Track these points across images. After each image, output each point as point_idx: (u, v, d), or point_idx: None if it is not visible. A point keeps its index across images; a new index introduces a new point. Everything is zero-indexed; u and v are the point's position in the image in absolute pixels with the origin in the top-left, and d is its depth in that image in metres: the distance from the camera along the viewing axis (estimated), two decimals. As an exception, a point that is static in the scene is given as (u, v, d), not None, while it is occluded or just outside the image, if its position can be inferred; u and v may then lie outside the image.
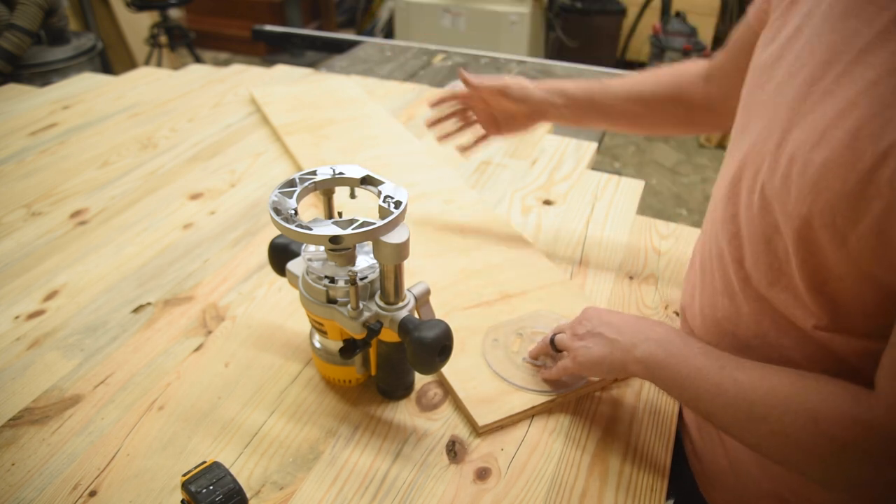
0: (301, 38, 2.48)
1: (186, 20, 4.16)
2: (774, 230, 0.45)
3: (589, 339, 0.58)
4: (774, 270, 0.47)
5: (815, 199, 0.40)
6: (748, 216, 0.49)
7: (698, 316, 0.60)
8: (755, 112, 0.51)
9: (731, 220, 0.51)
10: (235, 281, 0.80)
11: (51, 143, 1.14)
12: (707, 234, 0.59)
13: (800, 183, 0.41)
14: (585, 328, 0.59)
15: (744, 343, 0.53)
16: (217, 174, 1.05)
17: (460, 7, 3.28)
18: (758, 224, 0.47)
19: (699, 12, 3.73)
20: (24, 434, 0.59)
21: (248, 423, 0.60)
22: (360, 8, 4.50)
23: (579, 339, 0.59)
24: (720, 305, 0.56)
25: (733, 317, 0.54)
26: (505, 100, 0.81)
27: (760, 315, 0.51)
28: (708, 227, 0.59)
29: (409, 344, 0.54)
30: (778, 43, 0.49)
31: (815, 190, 0.40)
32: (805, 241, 0.42)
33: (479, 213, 0.92)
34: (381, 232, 0.52)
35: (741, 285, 0.52)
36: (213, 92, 1.38)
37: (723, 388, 0.47)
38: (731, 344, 0.55)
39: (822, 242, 0.41)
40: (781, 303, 0.48)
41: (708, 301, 0.58)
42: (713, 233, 0.56)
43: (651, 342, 0.53)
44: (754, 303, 0.51)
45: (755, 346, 0.52)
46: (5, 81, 1.51)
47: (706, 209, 0.62)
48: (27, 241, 0.87)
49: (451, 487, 0.55)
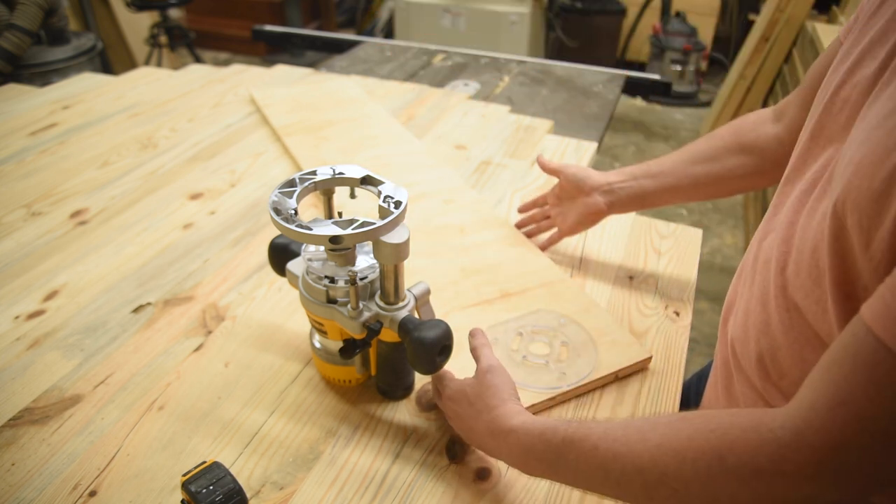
0: (301, 38, 2.48)
1: (186, 20, 4.16)
2: (823, 236, 0.42)
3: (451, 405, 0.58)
4: (812, 279, 0.44)
5: (847, 196, 0.39)
6: (805, 223, 0.46)
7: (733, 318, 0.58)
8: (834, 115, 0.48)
9: (790, 225, 0.49)
10: (235, 281, 0.80)
11: (51, 143, 1.14)
12: (759, 237, 0.56)
13: (840, 180, 0.40)
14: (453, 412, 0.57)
15: (770, 354, 0.51)
16: (217, 174, 1.05)
17: (460, 7, 3.28)
18: (813, 229, 0.45)
19: (699, 12, 3.73)
20: (24, 434, 0.59)
21: (248, 423, 0.60)
22: (360, 8, 4.50)
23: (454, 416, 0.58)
24: (753, 311, 0.53)
25: (762, 325, 0.51)
26: (567, 184, 0.80)
27: (789, 326, 0.48)
28: (762, 231, 0.55)
29: (409, 344, 0.54)
30: (859, 49, 0.47)
31: (849, 187, 0.39)
32: (838, 241, 0.40)
33: (479, 213, 0.92)
34: (381, 232, 0.52)
35: (776, 292, 0.49)
36: (213, 92, 1.38)
37: (606, 469, 0.43)
38: (756, 352, 0.53)
39: (851, 244, 0.39)
40: (811, 314, 0.45)
41: (743, 306, 0.55)
42: (766, 235, 0.53)
43: (518, 433, 0.50)
44: (785, 312, 0.48)
45: (780, 359, 0.50)
46: (5, 81, 1.51)
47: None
48: (27, 241, 0.87)
49: (451, 487, 0.55)
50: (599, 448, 0.44)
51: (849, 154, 0.40)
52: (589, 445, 0.44)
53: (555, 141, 1.18)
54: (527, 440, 0.49)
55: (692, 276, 0.82)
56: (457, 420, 0.57)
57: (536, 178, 1.05)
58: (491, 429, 0.52)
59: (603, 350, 0.67)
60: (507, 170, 1.08)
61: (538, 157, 0.84)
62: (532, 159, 1.11)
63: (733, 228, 2.58)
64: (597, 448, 0.44)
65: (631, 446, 0.42)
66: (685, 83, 3.69)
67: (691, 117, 3.57)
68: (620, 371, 0.66)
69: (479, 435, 0.54)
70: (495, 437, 0.52)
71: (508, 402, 0.53)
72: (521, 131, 1.23)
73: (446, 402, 0.58)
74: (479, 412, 0.53)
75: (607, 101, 1.63)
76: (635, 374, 0.67)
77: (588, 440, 0.45)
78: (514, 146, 1.16)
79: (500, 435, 0.51)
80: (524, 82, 1.71)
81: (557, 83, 1.73)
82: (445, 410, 0.59)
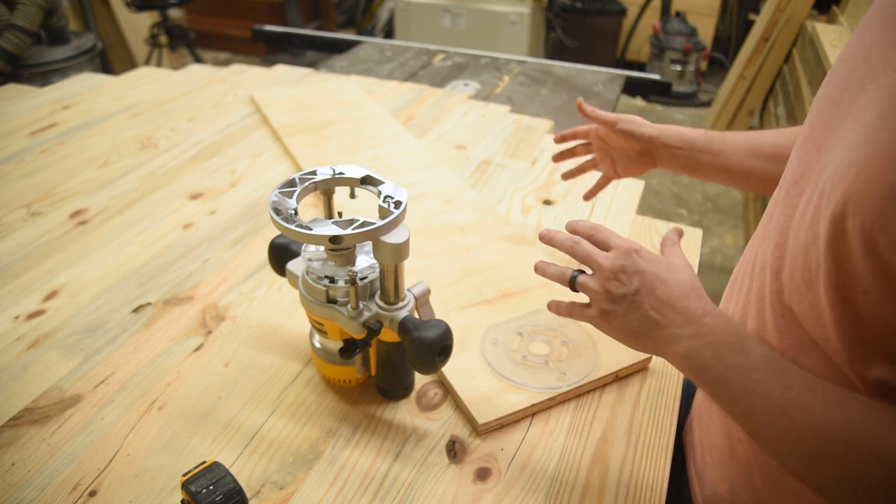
0: (301, 38, 2.48)
1: (186, 20, 4.16)
2: (814, 239, 0.42)
3: (622, 303, 0.49)
4: (806, 284, 0.44)
5: (849, 198, 0.38)
6: (797, 226, 0.45)
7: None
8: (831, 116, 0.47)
9: (782, 230, 0.48)
10: (235, 281, 0.80)
11: (51, 143, 1.14)
12: (755, 244, 0.54)
13: (840, 181, 0.39)
14: (622, 290, 0.50)
15: None
16: (217, 174, 1.05)
17: (460, 7, 3.28)
18: (804, 232, 0.44)
19: (699, 12, 3.73)
20: (24, 434, 0.59)
21: (248, 423, 0.60)
22: (360, 8, 4.50)
23: (611, 301, 0.50)
24: (749, 317, 0.52)
25: (758, 330, 0.50)
26: (617, 136, 0.77)
27: (784, 331, 0.47)
28: (758, 238, 0.54)
29: (409, 344, 0.54)
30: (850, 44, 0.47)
31: (851, 190, 0.38)
32: (836, 244, 0.39)
33: (479, 213, 0.92)
34: (381, 232, 0.52)
35: (772, 297, 0.48)
36: (213, 92, 1.38)
37: (788, 413, 0.40)
38: None
39: (851, 246, 0.38)
40: (806, 319, 0.45)
41: (739, 313, 0.54)
42: (762, 242, 0.52)
43: (698, 340, 0.46)
44: (780, 318, 0.47)
45: None
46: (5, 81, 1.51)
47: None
48: (27, 241, 0.87)
49: (451, 487, 0.55)
50: (793, 388, 0.41)
51: (844, 156, 0.40)
52: (783, 381, 0.42)
53: (555, 141, 1.18)
54: (727, 326, 0.46)
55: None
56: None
57: (537, 177, 1.05)
58: (688, 290, 0.49)
59: (603, 350, 0.67)
60: (507, 170, 1.08)
61: (579, 104, 0.80)
62: (532, 159, 1.11)
63: (733, 228, 2.58)
64: (789, 388, 0.41)
65: (827, 412, 0.39)
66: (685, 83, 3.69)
67: (691, 117, 3.57)
68: (620, 371, 0.66)
69: (674, 304, 0.48)
70: (697, 301, 0.48)
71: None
72: (520, 131, 1.23)
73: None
74: (671, 290, 0.49)
75: (607, 101, 1.63)
76: (635, 374, 0.67)
77: (786, 374, 0.42)
78: (514, 146, 1.16)
79: (700, 307, 0.47)
80: (524, 82, 1.71)
81: (557, 83, 1.73)
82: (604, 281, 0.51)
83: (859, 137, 0.39)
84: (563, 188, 1.02)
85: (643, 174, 0.81)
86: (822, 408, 0.39)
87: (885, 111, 0.38)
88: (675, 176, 2.97)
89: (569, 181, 1.03)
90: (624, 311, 0.50)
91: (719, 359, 0.45)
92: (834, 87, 0.46)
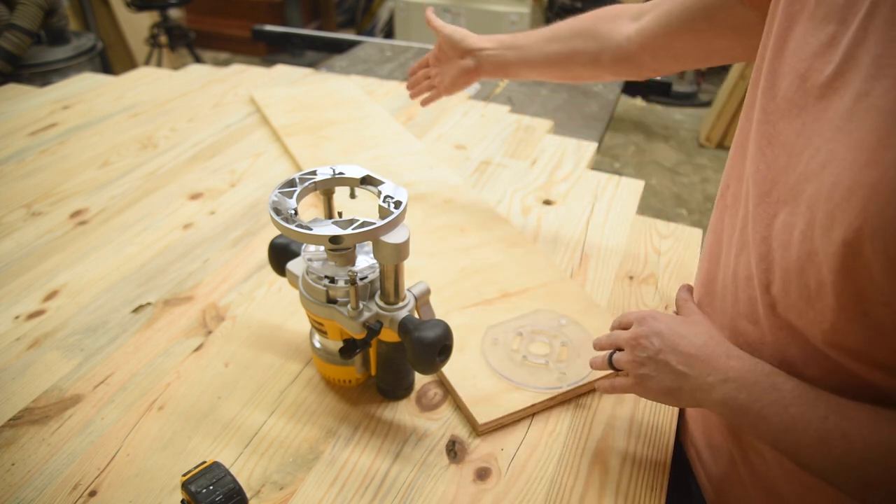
0: (301, 38, 2.48)
1: (186, 20, 4.16)
2: (809, 258, 0.41)
3: (650, 365, 0.51)
4: (805, 300, 0.43)
5: (864, 223, 0.36)
6: (783, 240, 0.43)
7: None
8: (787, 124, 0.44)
9: (762, 241, 0.46)
10: (235, 281, 0.80)
11: (51, 143, 1.14)
12: (731, 253, 0.52)
13: (846, 205, 0.37)
14: (646, 352, 0.52)
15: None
16: (217, 174, 1.05)
17: (460, 7, 3.28)
18: (794, 249, 0.42)
19: (699, 12, 3.73)
20: (24, 434, 0.59)
21: (248, 423, 0.60)
22: (360, 8, 4.50)
23: (640, 365, 0.52)
24: (742, 330, 0.50)
25: (756, 343, 0.49)
26: (444, 44, 0.84)
27: (786, 343, 0.46)
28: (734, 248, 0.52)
29: (409, 344, 0.54)
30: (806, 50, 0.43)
31: (865, 213, 0.36)
32: (849, 267, 0.38)
33: (479, 213, 0.92)
34: (381, 232, 0.52)
35: (766, 311, 0.47)
36: (213, 92, 1.39)
37: (829, 444, 0.41)
38: None
39: (870, 268, 0.37)
40: (809, 333, 0.43)
41: (728, 324, 0.52)
42: (740, 252, 0.50)
43: (730, 384, 0.46)
44: (779, 331, 0.46)
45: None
46: (5, 81, 1.51)
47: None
48: (27, 241, 0.87)
49: (451, 487, 0.55)
50: (829, 419, 0.41)
51: (840, 175, 0.38)
52: (818, 414, 0.42)
53: (555, 141, 1.18)
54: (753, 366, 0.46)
55: (692, 276, 0.82)
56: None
57: (537, 177, 1.05)
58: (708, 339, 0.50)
59: (603, 350, 0.67)
60: (507, 170, 1.08)
61: (426, 11, 0.89)
62: (532, 159, 1.11)
63: (733, 228, 2.57)
64: (826, 419, 0.41)
65: (865, 435, 0.40)
66: (685, 83, 3.69)
67: (691, 117, 3.57)
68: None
69: (698, 354, 0.49)
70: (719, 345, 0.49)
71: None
72: (520, 131, 1.23)
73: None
74: (691, 341, 0.50)
75: (607, 101, 1.63)
76: (635, 374, 0.67)
77: (820, 404, 0.42)
78: (514, 146, 1.16)
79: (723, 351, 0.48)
80: (524, 82, 1.71)
81: (557, 83, 1.73)
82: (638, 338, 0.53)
83: (854, 155, 0.37)
84: (563, 188, 1.02)
85: (468, 86, 0.87)
86: (859, 433, 0.40)
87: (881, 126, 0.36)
88: (676, 176, 2.97)
89: (568, 182, 1.04)
90: (654, 372, 0.51)
91: (754, 399, 0.45)
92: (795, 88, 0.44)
